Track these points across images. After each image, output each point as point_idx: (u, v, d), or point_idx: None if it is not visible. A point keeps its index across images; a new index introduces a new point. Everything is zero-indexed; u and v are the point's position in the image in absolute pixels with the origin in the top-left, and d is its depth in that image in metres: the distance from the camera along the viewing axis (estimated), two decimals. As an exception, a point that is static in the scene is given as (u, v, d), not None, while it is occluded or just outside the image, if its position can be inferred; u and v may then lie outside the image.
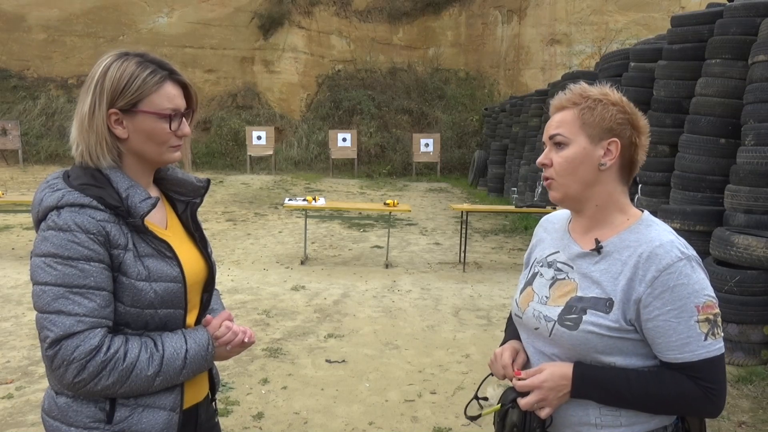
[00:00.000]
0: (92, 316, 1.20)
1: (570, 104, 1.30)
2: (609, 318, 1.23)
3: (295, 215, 10.66)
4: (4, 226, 9.17)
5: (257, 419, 3.36)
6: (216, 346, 1.37)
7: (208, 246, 1.49)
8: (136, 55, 1.31)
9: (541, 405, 1.26)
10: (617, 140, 1.27)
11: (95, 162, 1.29)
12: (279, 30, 19.72)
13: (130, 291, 1.25)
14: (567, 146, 1.29)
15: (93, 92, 1.28)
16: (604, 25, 18.45)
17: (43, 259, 1.20)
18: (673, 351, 1.20)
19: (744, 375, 4.01)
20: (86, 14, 18.81)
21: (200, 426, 1.46)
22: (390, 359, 4.31)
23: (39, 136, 17.35)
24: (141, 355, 1.24)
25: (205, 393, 1.49)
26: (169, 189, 1.47)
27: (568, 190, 1.31)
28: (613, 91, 1.30)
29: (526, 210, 7.92)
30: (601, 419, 1.26)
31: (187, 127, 1.37)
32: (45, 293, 1.19)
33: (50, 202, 1.22)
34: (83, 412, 1.25)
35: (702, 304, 1.19)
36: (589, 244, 1.32)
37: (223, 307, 1.57)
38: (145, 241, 1.29)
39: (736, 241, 4.31)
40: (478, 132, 19.21)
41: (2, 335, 4.59)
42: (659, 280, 1.20)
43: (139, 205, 1.27)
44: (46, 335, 1.19)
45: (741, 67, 5.40)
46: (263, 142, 17.61)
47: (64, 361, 1.18)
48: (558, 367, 1.27)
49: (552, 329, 1.29)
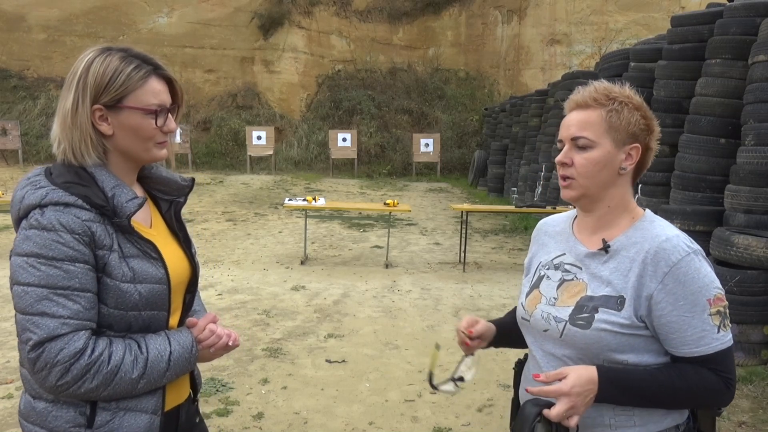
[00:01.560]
0: (77, 319, 1.16)
1: (595, 104, 1.28)
2: (621, 315, 1.23)
3: (295, 215, 10.66)
4: (4, 226, 9.17)
5: (257, 419, 3.36)
6: (199, 349, 1.35)
7: (192, 246, 1.46)
8: (119, 50, 1.27)
9: (570, 413, 1.18)
10: (639, 146, 1.28)
11: (79, 160, 1.25)
12: (279, 30, 19.73)
13: (115, 293, 1.22)
14: (592, 149, 1.28)
15: (76, 88, 1.24)
16: (604, 25, 18.46)
17: (25, 259, 1.16)
18: (689, 345, 1.21)
19: (744, 375, 4.01)
20: (86, 14, 18.81)
21: (180, 427, 1.43)
22: (390, 359, 4.31)
23: (39, 136, 17.34)
24: (125, 357, 1.21)
25: (187, 394, 1.46)
26: (152, 187, 1.44)
27: (587, 192, 1.31)
28: (635, 93, 1.29)
29: (526, 210, 7.93)
30: (615, 419, 1.25)
31: (173, 123, 1.33)
32: (27, 294, 1.15)
33: (33, 200, 1.19)
34: (63, 417, 1.22)
35: (713, 297, 1.21)
36: (595, 244, 1.32)
37: (204, 308, 1.54)
38: (130, 242, 1.26)
39: (736, 241, 4.31)
40: (478, 132, 19.22)
41: (2, 335, 4.59)
42: (670, 275, 1.21)
43: (125, 204, 1.24)
44: (29, 337, 1.16)
45: (741, 67, 5.40)
46: (263, 142, 17.62)
47: (47, 364, 1.15)
48: (583, 371, 1.21)
49: (563, 330, 1.28)
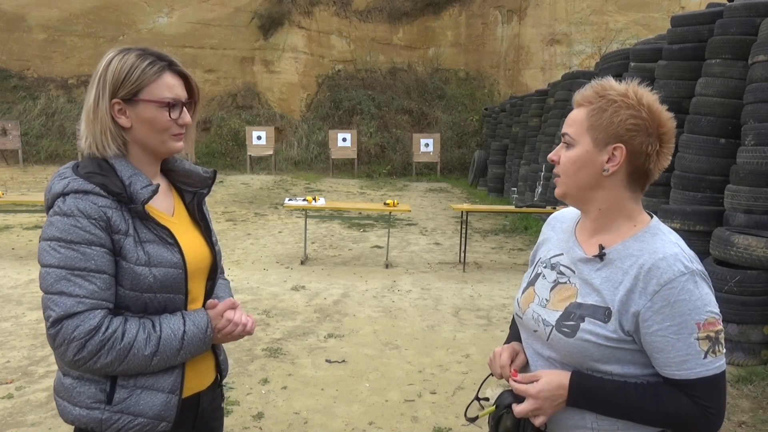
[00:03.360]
0: (92, 298, 1.25)
1: (585, 102, 1.26)
2: (607, 328, 1.20)
3: (295, 215, 10.66)
4: (4, 226, 9.17)
5: (257, 419, 3.36)
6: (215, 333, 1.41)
7: (213, 235, 1.54)
8: (137, 49, 1.37)
9: (535, 414, 1.24)
10: (623, 146, 1.21)
11: (101, 152, 1.34)
12: (279, 30, 19.73)
13: (130, 275, 1.30)
14: (573, 147, 1.27)
15: (97, 85, 1.34)
16: (604, 25, 18.46)
17: (48, 243, 1.26)
18: (671, 367, 1.17)
19: (744, 375, 4.01)
20: (86, 14, 18.81)
21: (201, 413, 1.49)
22: (390, 359, 4.31)
23: (39, 136, 17.35)
24: (138, 335, 1.28)
25: (210, 381, 1.52)
26: (177, 180, 1.53)
27: (568, 190, 1.30)
28: (635, 92, 1.22)
29: (526, 210, 7.93)
30: (597, 424, 1.24)
31: (187, 116, 1.41)
32: (49, 275, 1.25)
33: (57, 189, 1.29)
34: (85, 393, 1.30)
35: (703, 321, 1.16)
36: (593, 249, 1.29)
37: (229, 295, 1.59)
38: (146, 228, 1.34)
39: (736, 241, 4.31)
40: (478, 132, 19.22)
41: (2, 335, 4.59)
42: (660, 294, 1.16)
43: (140, 191, 1.32)
44: (49, 315, 1.24)
45: (741, 67, 5.40)
46: (263, 142, 17.61)
47: (65, 339, 1.23)
48: (555, 376, 1.24)
49: (549, 334, 1.28)
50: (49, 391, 3.59)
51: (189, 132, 1.45)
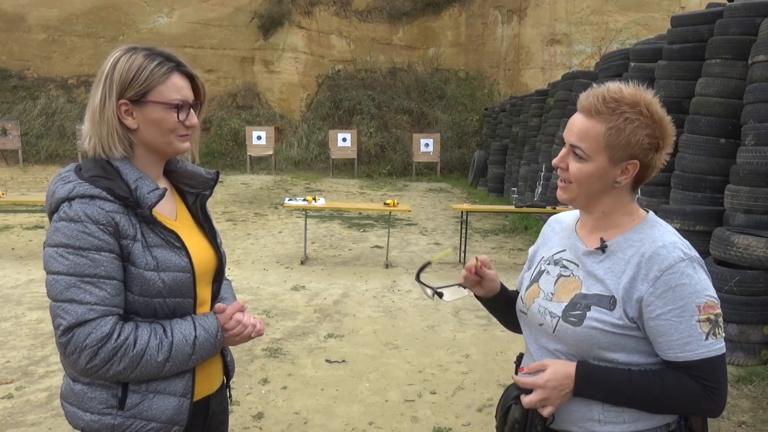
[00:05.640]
0: (103, 305, 1.23)
1: (599, 114, 1.24)
2: (613, 315, 1.24)
3: (295, 215, 10.66)
4: (4, 226, 9.17)
5: (257, 419, 3.36)
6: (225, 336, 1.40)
7: (217, 236, 1.52)
8: (144, 48, 1.35)
9: (543, 404, 1.26)
10: (637, 162, 1.25)
11: (107, 153, 1.32)
12: (279, 30, 19.72)
13: (139, 280, 1.28)
14: (586, 161, 1.26)
15: (103, 85, 1.31)
16: (604, 25, 18.45)
17: (55, 249, 1.24)
18: (674, 350, 1.21)
19: (744, 375, 4.01)
20: (86, 14, 18.81)
21: (211, 416, 1.49)
22: (390, 359, 4.31)
23: (39, 136, 17.34)
24: (150, 341, 1.27)
25: (218, 384, 1.52)
26: (179, 181, 1.51)
27: (578, 197, 1.32)
28: (647, 106, 1.22)
29: (526, 210, 7.93)
30: (604, 415, 1.27)
31: (195, 118, 1.40)
32: (57, 282, 1.23)
33: (62, 194, 1.26)
34: (97, 399, 1.29)
35: (703, 304, 1.20)
36: (594, 242, 1.34)
37: (234, 297, 1.59)
38: (153, 232, 1.32)
39: (736, 241, 4.31)
40: (478, 132, 19.21)
41: (2, 335, 4.59)
42: (661, 279, 1.21)
43: (147, 195, 1.30)
44: (60, 323, 1.22)
45: (741, 67, 5.39)
46: (263, 142, 17.61)
47: (77, 348, 1.21)
48: (561, 366, 1.27)
49: (556, 325, 1.31)
50: (49, 391, 3.59)
51: (194, 133, 1.43)
